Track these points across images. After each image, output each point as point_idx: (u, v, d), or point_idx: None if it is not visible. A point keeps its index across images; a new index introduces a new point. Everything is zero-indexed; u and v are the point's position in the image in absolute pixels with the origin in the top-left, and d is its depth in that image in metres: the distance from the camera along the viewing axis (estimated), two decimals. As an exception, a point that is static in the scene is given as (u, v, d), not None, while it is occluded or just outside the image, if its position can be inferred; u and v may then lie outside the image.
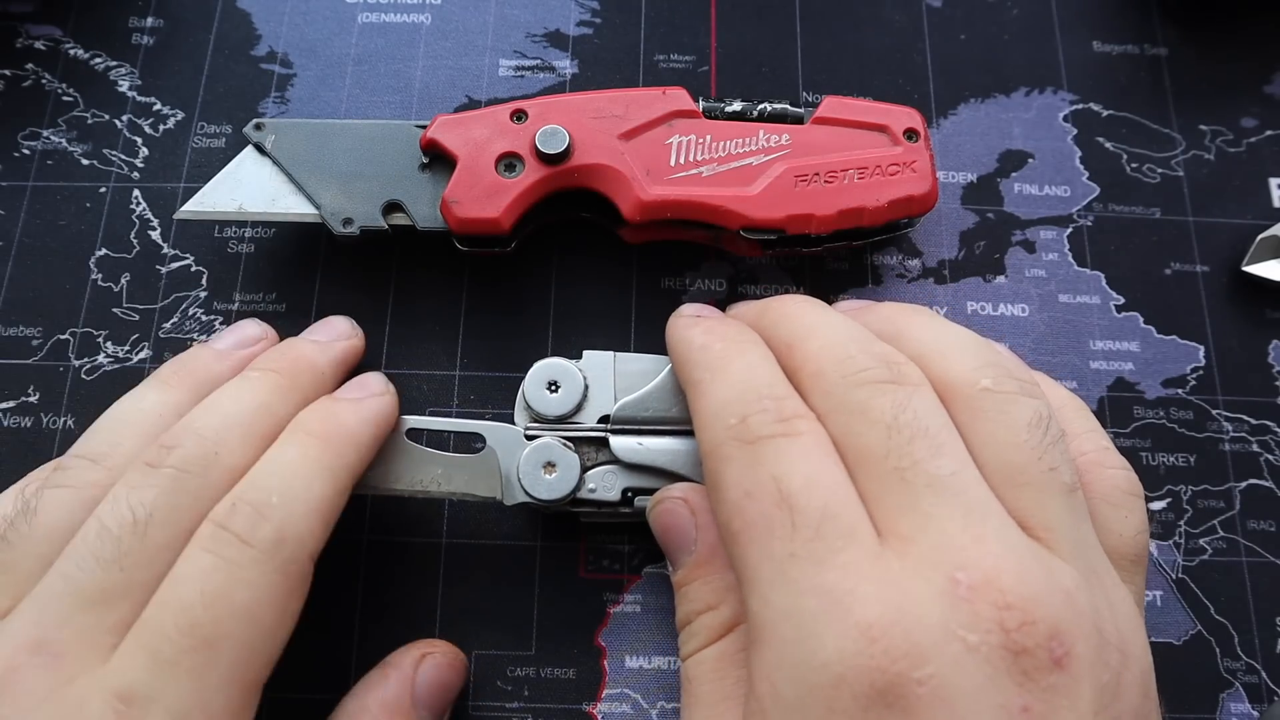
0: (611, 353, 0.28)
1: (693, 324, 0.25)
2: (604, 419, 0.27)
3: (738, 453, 0.21)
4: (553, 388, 0.27)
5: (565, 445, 0.26)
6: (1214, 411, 0.32)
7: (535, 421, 0.27)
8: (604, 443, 0.27)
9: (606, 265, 0.33)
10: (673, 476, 0.26)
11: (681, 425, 0.27)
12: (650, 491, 0.26)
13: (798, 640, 0.18)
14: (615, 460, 0.26)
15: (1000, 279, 0.33)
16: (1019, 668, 0.17)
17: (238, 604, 0.20)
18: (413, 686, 0.25)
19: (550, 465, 0.26)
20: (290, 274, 0.32)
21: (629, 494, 0.26)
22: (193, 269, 0.32)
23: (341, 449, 0.24)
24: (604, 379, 0.27)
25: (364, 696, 0.25)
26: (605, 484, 0.26)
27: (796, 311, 0.24)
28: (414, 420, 0.27)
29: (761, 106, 0.31)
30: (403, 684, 0.25)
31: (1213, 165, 0.35)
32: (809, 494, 0.19)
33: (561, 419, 0.27)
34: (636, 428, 0.27)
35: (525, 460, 0.26)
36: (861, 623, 0.18)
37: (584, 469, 0.26)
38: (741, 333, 0.24)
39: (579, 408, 0.27)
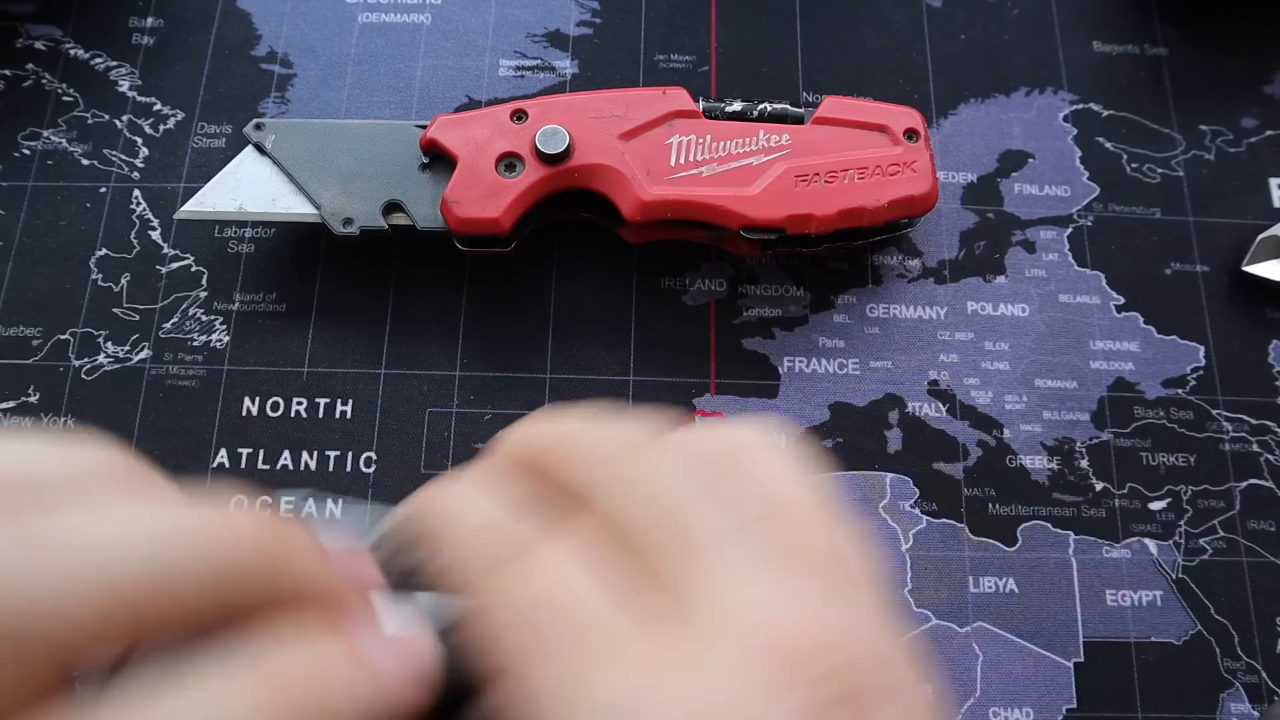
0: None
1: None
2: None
3: (488, 585, 0.18)
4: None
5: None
6: (1214, 411, 0.32)
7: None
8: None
9: (606, 265, 0.33)
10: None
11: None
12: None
13: None
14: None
15: (1000, 279, 0.33)
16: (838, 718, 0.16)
17: None
18: None
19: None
20: (290, 274, 0.32)
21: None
22: (193, 269, 0.32)
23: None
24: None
25: None
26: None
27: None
28: None
29: (761, 106, 0.31)
30: None
31: (1213, 165, 0.35)
32: (560, 609, 0.17)
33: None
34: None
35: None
36: None
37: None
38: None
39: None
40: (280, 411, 0.31)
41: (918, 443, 0.31)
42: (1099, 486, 0.31)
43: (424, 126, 0.30)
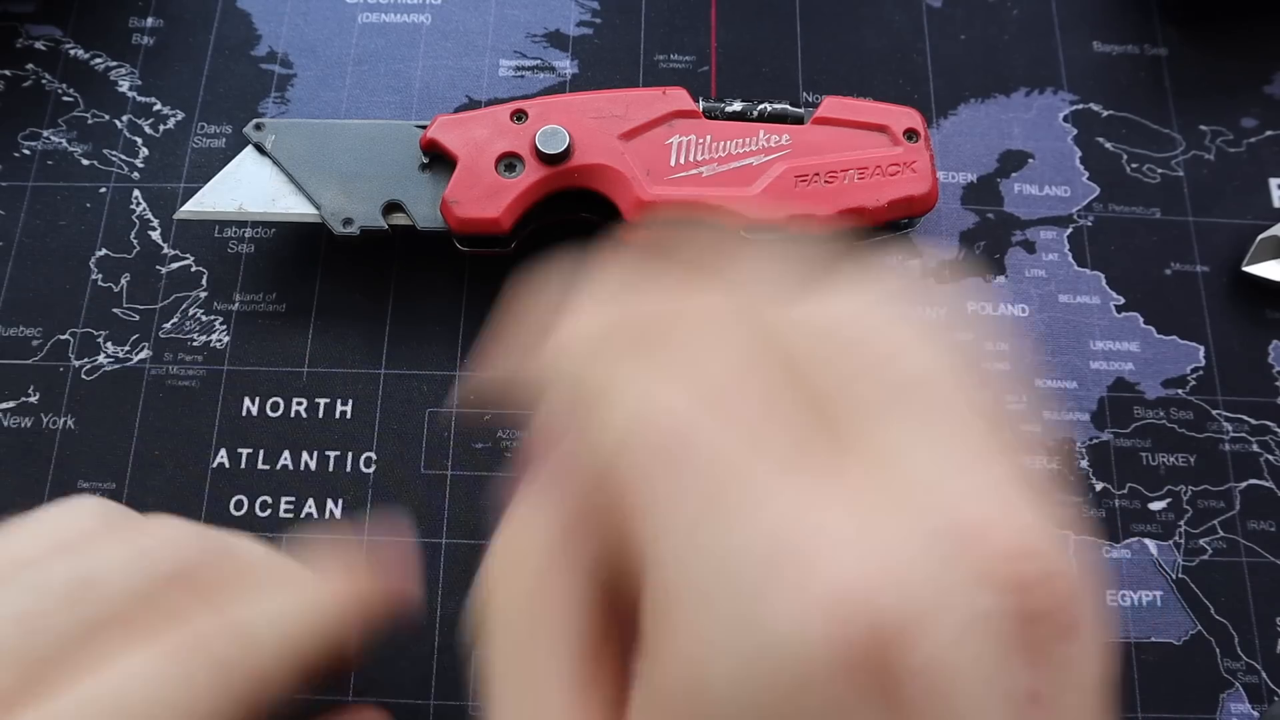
0: None
1: None
2: None
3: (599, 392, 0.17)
4: None
5: None
6: (1214, 411, 0.32)
7: None
8: None
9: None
10: None
11: None
12: None
13: (731, 619, 0.13)
14: None
15: (1000, 279, 0.33)
16: (1028, 640, 0.13)
17: None
18: None
19: None
20: (290, 274, 0.32)
21: None
22: (193, 269, 0.32)
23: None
24: None
25: None
26: None
27: None
28: None
29: (761, 106, 0.31)
30: None
31: (1213, 165, 0.35)
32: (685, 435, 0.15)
33: None
34: None
35: None
36: (831, 587, 0.12)
37: None
38: None
39: None
40: (280, 412, 0.31)
41: (918, 443, 0.31)
42: (1099, 487, 0.31)
43: (424, 126, 0.30)
